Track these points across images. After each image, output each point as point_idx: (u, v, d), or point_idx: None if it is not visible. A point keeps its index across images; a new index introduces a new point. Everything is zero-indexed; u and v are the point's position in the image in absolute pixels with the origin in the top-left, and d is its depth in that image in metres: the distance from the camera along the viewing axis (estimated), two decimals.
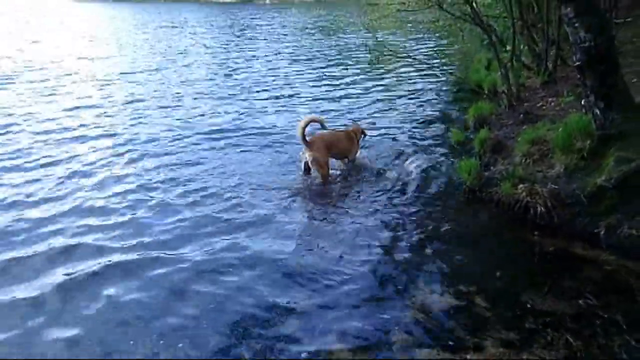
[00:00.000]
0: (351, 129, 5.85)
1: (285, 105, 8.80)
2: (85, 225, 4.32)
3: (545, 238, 3.98)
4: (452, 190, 5.04)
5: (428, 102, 8.95)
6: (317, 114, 7.41)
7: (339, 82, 10.94)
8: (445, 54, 14.80)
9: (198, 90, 9.96)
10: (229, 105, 8.76)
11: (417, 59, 10.85)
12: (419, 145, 6.40)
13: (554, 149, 4.59)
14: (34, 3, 46.02)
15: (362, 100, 9.20)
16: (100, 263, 3.70)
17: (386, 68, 12.48)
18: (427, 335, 2.96)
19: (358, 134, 5.80)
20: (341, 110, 8.36)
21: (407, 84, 10.72)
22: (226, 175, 5.42)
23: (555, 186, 4.21)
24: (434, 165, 5.68)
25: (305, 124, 5.14)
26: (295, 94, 9.77)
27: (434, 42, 16.70)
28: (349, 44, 17.75)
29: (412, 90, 10.03)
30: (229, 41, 19.21)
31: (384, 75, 11.83)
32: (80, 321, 3.08)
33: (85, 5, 47.38)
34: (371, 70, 12.50)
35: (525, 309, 3.13)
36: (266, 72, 12.18)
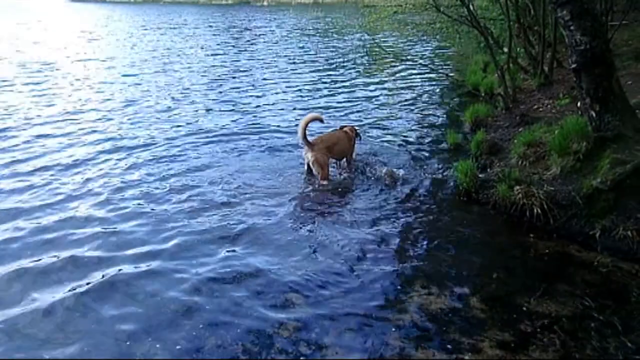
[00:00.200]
0: (347, 128, 5.85)
1: (284, 108, 8.79)
2: (80, 236, 4.16)
3: (541, 240, 4.00)
4: (449, 192, 5.05)
5: (425, 104, 8.98)
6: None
7: (336, 85, 10.96)
8: (443, 56, 14.86)
9: (196, 94, 9.93)
10: (228, 108, 8.75)
11: (415, 61, 10.89)
12: (415, 147, 6.42)
13: (550, 151, 4.61)
14: (30, 4, 45.96)
15: (359, 102, 9.21)
16: (94, 276, 3.57)
17: (384, 70, 12.52)
18: (424, 336, 2.96)
19: (353, 133, 5.82)
20: (339, 112, 8.38)
21: (404, 86, 10.75)
22: (224, 182, 5.31)
23: (551, 188, 4.23)
24: (431, 167, 5.70)
25: (306, 124, 5.12)
26: (292, 96, 9.78)
27: (431, 45, 16.76)
28: (347, 46, 17.79)
29: (409, 92, 10.06)
30: (228, 43, 19.24)
31: (382, 77, 11.86)
32: (80, 337, 2.98)
33: (83, 6, 47.38)
34: (368, 72, 12.54)
35: (521, 311, 3.14)
36: (265, 75, 12.19)
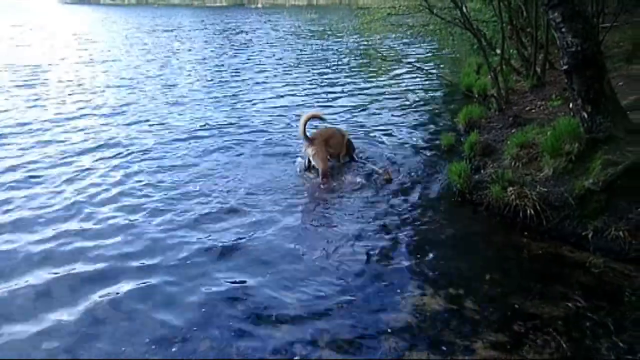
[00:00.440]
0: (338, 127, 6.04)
1: (279, 108, 8.77)
2: (78, 232, 4.20)
3: (534, 241, 4.01)
4: (442, 194, 5.06)
5: (419, 106, 9.00)
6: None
7: (331, 86, 10.95)
8: (437, 58, 14.92)
9: (192, 95, 9.89)
10: (224, 109, 8.72)
11: (409, 62, 10.92)
12: (409, 149, 6.43)
13: (542, 152, 4.64)
14: (22, 6, 45.65)
15: (353, 103, 9.21)
16: (96, 268, 3.68)
17: (378, 72, 12.55)
18: (418, 338, 2.96)
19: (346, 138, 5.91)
20: (335, 113, 8.37)
21: (399, 87, 10.77)
22: (222, 181, 5.32)
23: (544, 189, 4.25)
24: (425, 169, 5.70)
25: (306, 121, 5.31)
26: (288, 99, 9.74)
27: (425, 46, 16.82)
28: (341, 48, 17.81)
29: (404, 93, 10.07)
30: (223, 45, 19.21)
31: (376, 79, 11.88)
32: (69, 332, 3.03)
33: (76, 8, 47.15)
34: (362, 74, 12.57)
35: (514, 312, 3.15)
36: (260, 77, 12.14)
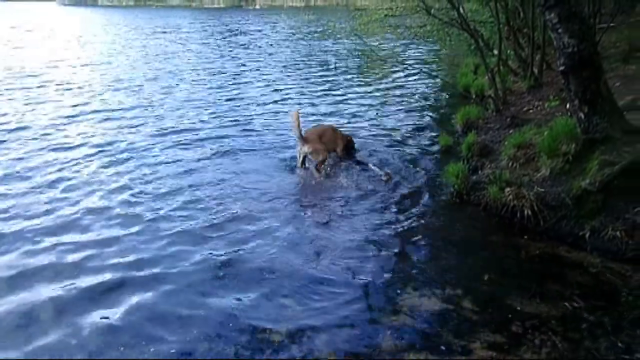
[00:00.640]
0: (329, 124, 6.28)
1: (278, 111, 8.73)
2: (73, 242, 4.09)
3: (531, 241, 4.02)
4: (440, 194, 5.07)
5: (417, 106, 9.02)
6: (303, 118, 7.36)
7: (329, 88, 10.96)
8: (434, 58, 14.94)
9: (190, 98, 9.86)
10: (223, 112, 8.71)
11: (407, 63, 10.94)
12: (408, 149, 6.44)
13: (539, 152, 4.64)
14: (21, 7, 45.56)
15: (351, 104, 9.22)
16: (97, 280, 3.55)
17: (376, 73, 12.56)
18: (416, 338, 2.97)
19: (344, 138, 6.04)
20: (332, 115, 8.38)
21: (397, 88, 10.78)
22: (220, 186, 5.26)
23: (541, 189, 4.26)
24: (423, 169, 5.71)
25: (298, 119, 5.43)
26: (287, 99, 9.76)
27: (423, 47, 16.84)
28: (339, 49, 17.82)
29: (401, 94, 10.10)
30: (222, 46, 19.19)
31: (374, 80, 11.89)
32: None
33: (75, 10, 47.08)
34: (360, 75, 12.58)
35: (512, 312, 3.15)
36: (259, 78, 12.16)
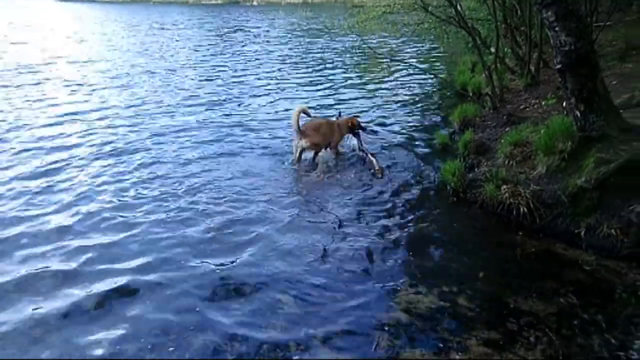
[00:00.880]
0: (336, 120, 6.24)
1: (277, 109, 8.69)
2: (72, 246, 4.02)
3: (527, 238, 4.04)
4: (436, 192, 5.08)
5: (414, 104, 9.01)
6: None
7: (327, 85, 10.93)
8: (432, 56, 14.93)
9: (188, 95, 9.79)
10: (221, 108, 8.67)
11: (405, 61, 10.92)
12: (405, 147, 6.44)
13: (536, 150, 4.65)
14: (19, 3, 45.19)
15: (349, 101, 9.21)
16: (97, 287, 3.48)
17: (373, 70, 12.55)
18: (412, 335, 2.98)
19: (342, 126, 6.06)
20: (330, 112, 8.37)
21: (394, 85, 10.76)
22: (218, 188, 5.18)
23: (537, 187, 4.27)
24: (419, 167, 5.72)
25: (298, 115, 5.59)
26: (285, 96, 9.73)
27: (421, 45, 16.82)
28: (338, 46, 17.78)
29: (399, 92, 10.09)
30: (219, 43, 19.09)
31: (371, 77, 11.88)
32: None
33: (71, 5, 46.75)
34: (358, 72, 12.56)
35: (507, 309, 3.17)
36: (257, 75, 12.10)
